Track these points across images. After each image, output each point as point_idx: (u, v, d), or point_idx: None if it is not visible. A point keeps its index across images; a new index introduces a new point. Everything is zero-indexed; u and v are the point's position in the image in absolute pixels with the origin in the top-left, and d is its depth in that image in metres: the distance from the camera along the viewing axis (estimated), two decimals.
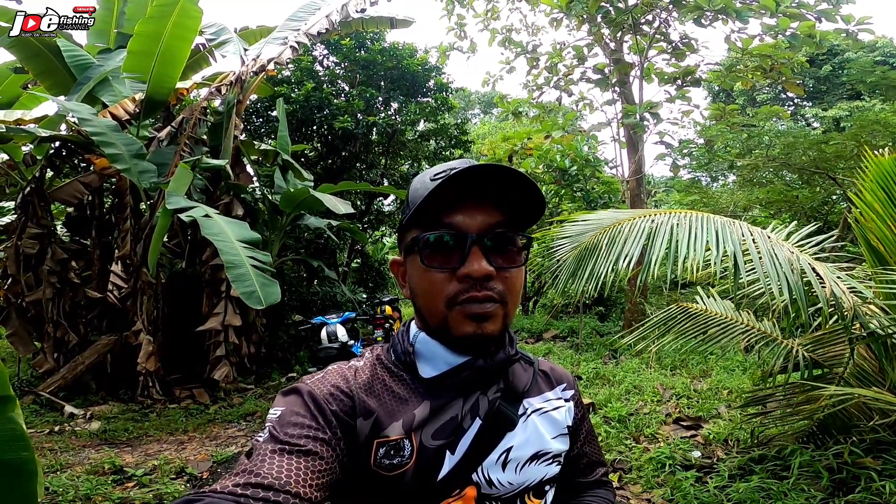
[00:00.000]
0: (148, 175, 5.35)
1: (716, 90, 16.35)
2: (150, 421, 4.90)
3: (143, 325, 5.54)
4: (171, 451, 4.13)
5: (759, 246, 2.40)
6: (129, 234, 5.70)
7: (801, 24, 6.67)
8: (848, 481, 2.37)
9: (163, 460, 3.80)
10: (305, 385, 0.66)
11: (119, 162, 5.08)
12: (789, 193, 8.23)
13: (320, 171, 9.56)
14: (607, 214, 2.86)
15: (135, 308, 5.66)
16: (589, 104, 9.12)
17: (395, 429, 0.65)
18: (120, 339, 5.63)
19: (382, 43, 9.74)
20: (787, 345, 2.96)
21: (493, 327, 0.66)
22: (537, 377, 0.80)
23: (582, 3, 6.91)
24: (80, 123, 5.14)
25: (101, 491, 3.22)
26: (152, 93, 5.77)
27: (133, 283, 5.69)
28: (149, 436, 4.54)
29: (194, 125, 6.04)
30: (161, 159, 5.79)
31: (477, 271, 0.64)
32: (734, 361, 5.73)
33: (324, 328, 4.83)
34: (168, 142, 6.17)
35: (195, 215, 4.53)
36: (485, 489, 0.68)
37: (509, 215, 0.68)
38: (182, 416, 5.05)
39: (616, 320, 9.54)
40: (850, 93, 16.90)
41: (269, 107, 9.50)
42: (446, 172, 0.67)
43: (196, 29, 5.66)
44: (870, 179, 2.70)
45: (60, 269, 5.67)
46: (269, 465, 0.55)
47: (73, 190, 5.79)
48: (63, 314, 5.66)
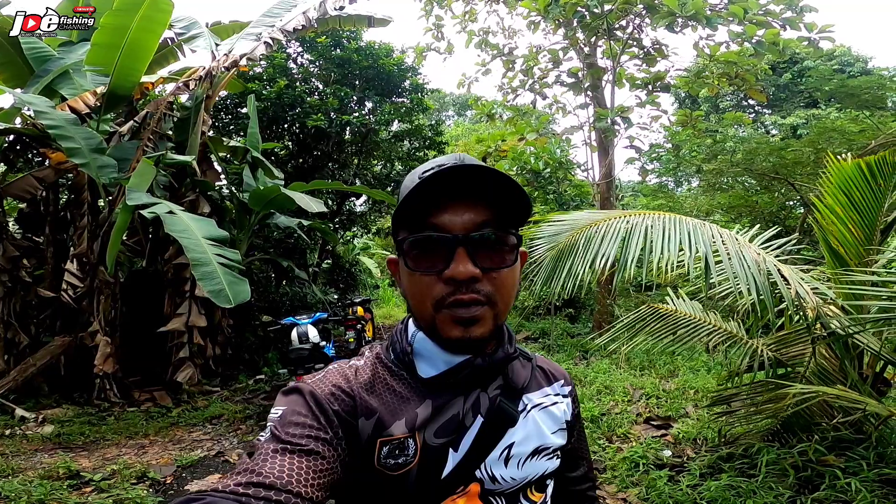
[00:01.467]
0: (108, 170, 5.12)
1: (682, 96, 16.83)
2: (107, 424, 4.70)
3: (99, 325, 5.32)
4: (132, 456, 3.97)
5: (728, 247, 2.45)
6: (86, 231, 5.45)
7: (767, 31, 6.87)
8: (813, 479, 2.44)
9: (122, 465, 3.65)
10: (307, 384, 0.66)
11: (77, 156, 4.84)
12: (749, 198, 8.53)
13: (291, 170, 9.34)
14: (583, 215, 2.88)
15: (91, 308, 5.43)
16: (562, 108, 9.23)
17: (399, 427, 0.65)
18: (74, 340, 5.38)
19: (359, 42, 9.58)
20: (752, 344, 3.04)
21: (480, 330, 0.64)
22: (536, 373, 0.79)
23: (559, 6, 6.98)
24: (37, 116, 4.89)
25: (56, 496, 3.08)
26: (115, 86, 5.52)
27: (89, 283, 5.45)
28: (106, 440, 4.36)
29: (159, 120, 5.82)
30: (122, 154, 5.55)
31: (461, 273, 0.62)
32: (699, 362, 5.88)
33: (294, 329, 4.70)
34: (130, 137, 5.92)
35: (158, 212, 4.34)
36: (488, 485, 0.69)
37: (498, 214, 0.65)
38: (142, 420, 4.87)
39: (586, 322, 9.67)
40: (807, 101, 17.61)
41: (239, 103, 9.21)
42: (433, 169, 0.65)
43: (166, 22, 5.45)
44: (832, 184, 2.80)
45: (11, 268, 5.37)
46: (271, 465, 0.54)
47: (27, 185, 5.50)
48: (14, 314, 5.38)
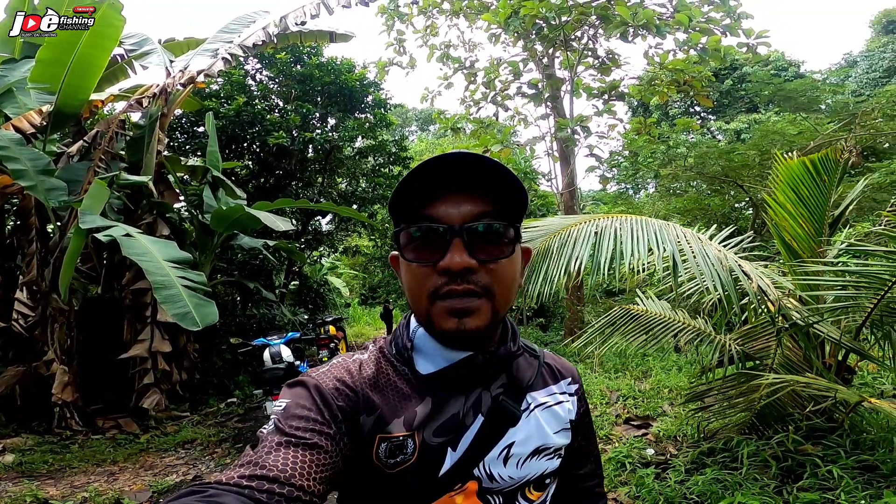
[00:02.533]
0: (57, 193, 4.86)
1: (635, 104, 17.49)
2: (71, 452, 4.51)
3: (55, 354, 5.06)
4: (101, 483, 3.82)
5: (692, 246, 2.54)
6: (35, 257, 5.17)
7: (710, 38, 7.31)
8: (794, 468, 2.52)
9: (93, 492, 3.50)
10: (311, 378, 0.66)
11: (24, 178, 4.59)
12: (702, 202, 8.94)
13: (252, 190, 9.10)
14: (555, 220, 2.93)
15: (44, 337, 5.17)
16: (524, 119, 9.44)
17: (398, 426, 0.65)
18: (29, 370, 5.10)
19: (320, 58, 9.53)
20: (720, 340, 3.14)
21: (476, 322, 0.62)
22: (542, 370, 0.78)
23: (519, 19, 7.18)
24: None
25: None
26: (63, 105, 5.28)
27: (41, 311, 5.17)
28: (72, 468, 4.19)
29: (111, 139, 5.59)
30: (72, 176, 5.30)
31: (456, 264, 0.61)
32: (670, 361, 6.04)
33: (267, 349, 4.57)
34: (80, 157, 5.66)
35: (114, 234, 4.15)
36: (486, 483, 0.68)
37: (497, 205, 0.64)
38: (109, 447, 4.68)
39: (557, 330, 9.81)
40: (748, 106, 18.64)
41: (195, 122, 8.98)
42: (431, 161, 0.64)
43: (117, 38, 5.28)
44: (781, 182, 2.95)
45: None
46: (275, 458, 0.54)
47: None
48: None
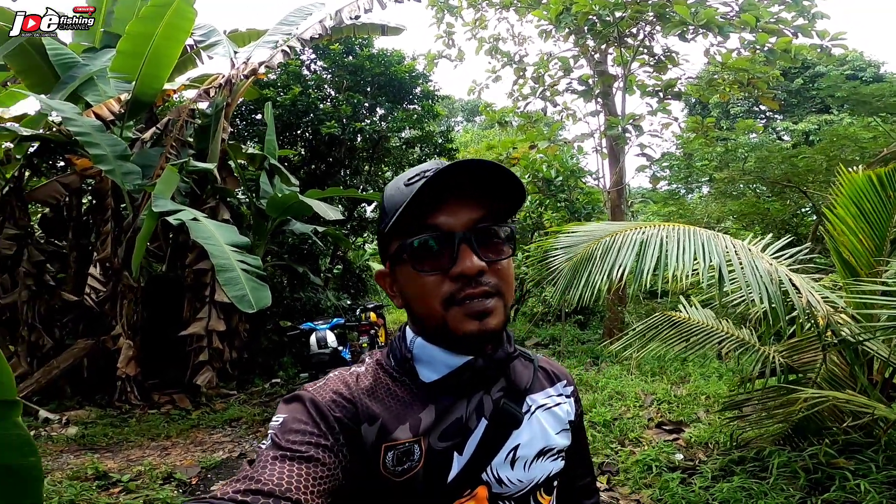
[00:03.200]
0: (132, 177, 5.27)
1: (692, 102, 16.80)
2: (129, 426, 4.79)
3: (122, 329, 5.43)
4: (155, 457, 4.04)
5: (741, 258, 2.52)
6: (109, 236, 5.59)
7: (779, 39, 6.87)
8: (823, 481, 2.50)
9: (147, 466, 3.71)
10: (307, 392, 0.66)
11: (103, 163, 5.00)
12: (761, 206, 8.49)
13: (303, 177, 9.47)
14: (599, 226, 2.96)
15: (113, 312, 5.54)
16: (572, 114, 9.30)
17: (403, 432, 0.65)
18: (97, 343, 5.48)
19: (371, 49, 9.72)
20: (764, 351, 3.10)
21: (495, 321, 0.65)
22: (538, 374, 0.80)
23: (571, 16, 7.07)
24: (65, 123, 5.04)
25: (85, 496, 3.15)
26: (139, 93, 5.69)
27: (112, 287, 5.58)
28: (129, 441, 4.43)
29: (181, 127, 5.97)
30: (145, 161, 5.70)
31: (470, 268, 0.63)
32: (711, 368, 5.91)
33: (313, 334, 4.80)
34: (152, 143, 6.08)
35: (183, 218, 4.48)
36: (495, 488, 0.68)
37: (491, 209, 0.67)
38: (163, 422, 4.94)
39: (596, 329, 9.70)
40: (819, 106, 17.37)
41: (253, 110, 9.39)
42: (419, 175, 0.67)
43: (189, 30, 5.62)
44: (843, 195, 2.86)
45: (37, 272, 5.52)
46: (270, 472, 0.55)
47: (53, 191, 5.67)
48: (38, 317, 5.50)
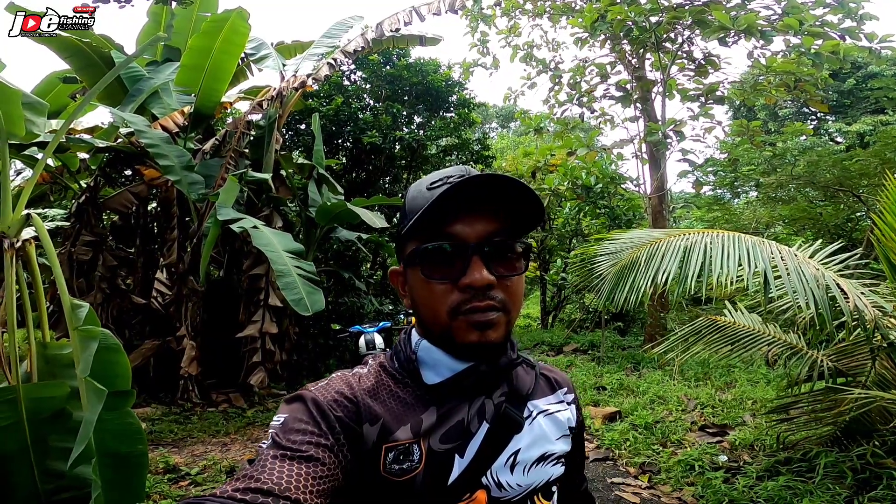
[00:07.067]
0: (197, 186, 5.66)
1: (737, 105, 16.33)
2: (192, 423, 5.03)
3: (186, 330, 5.77)
4: (217, 452, 4.24)
5: (787, 263, 2.57)
6: (175, 243, 6.00)
7: (825, 42, 6.71)
8: (870, 480, 2.52)
9: (211, 460, 3.92)
10: (309, 392, 0.66)
11: (171, 173, 5.41)
12: (812, 210, 8.19)
13: (345, 185, 9.83)
14: (643, 233, 3.06)
15: (178, 314, 5.91)
16: (610, 120, 9.29)
17: (404, 433, 0.66)
18: (163, 344, 5.87)
19: (408, 59, 10.01)
20: (812, 355, 3.11)
21: (496, 335, 0.66)
22: (540, 381, 0.81)
23: (606, 24, 7.12)
24: (136, 135, 5.44)
25: (158, 489, 3.35)
26: (200, 106, 6.10)
27: (177, 291, 5.98)
28: (192, 437, 4.66)
29: (238, 138, 6.36)
30: (207, 171, 6.09)
31: (478, 281, 0.64)
32: (758, 374, 5.82)
33: (362, 337, 5.03)
34: (212, 154, 6.50)
35: (245, 226, 4.81)
36: (495, 492, 0.69)
37: (507, 223, 0.69)
38: (222, 419, 5.19)
39: (637, 334, 9.62)
40: (874, 107, 16.53)
41: (298, 120, 9.84)
42: (443, 181, 0.68)
43: (243, 45, 5.98)
44: (891, 200, 2.85)
45: (110, 276, 5.99)
46: (270, 471, 0.55)
47: (124, 199, 6.16)
48: (111, 319, 5.95)
